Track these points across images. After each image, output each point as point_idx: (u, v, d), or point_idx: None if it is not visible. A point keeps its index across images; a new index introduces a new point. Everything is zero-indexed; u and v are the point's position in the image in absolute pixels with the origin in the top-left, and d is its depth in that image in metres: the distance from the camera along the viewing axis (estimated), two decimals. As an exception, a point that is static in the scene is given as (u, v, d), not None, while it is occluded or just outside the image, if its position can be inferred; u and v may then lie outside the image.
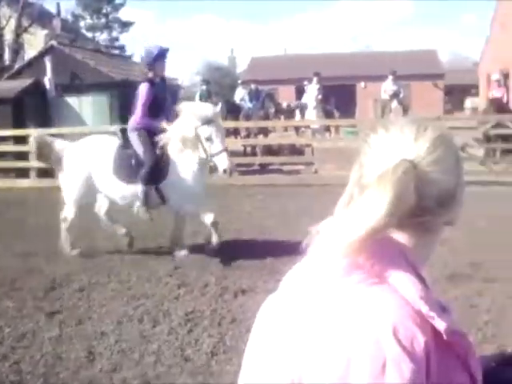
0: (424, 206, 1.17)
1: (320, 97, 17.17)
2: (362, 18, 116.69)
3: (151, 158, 7.09)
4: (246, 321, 4.83)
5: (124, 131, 7.47)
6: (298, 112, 18.33)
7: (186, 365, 4.38)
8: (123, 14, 52.35)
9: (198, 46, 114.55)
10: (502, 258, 6.79)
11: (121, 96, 17.28)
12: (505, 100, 18.57)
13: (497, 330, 4.80)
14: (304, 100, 18.28)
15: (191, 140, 6.91)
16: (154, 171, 7.08)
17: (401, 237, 1.22)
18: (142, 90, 7.29)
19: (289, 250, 6.34)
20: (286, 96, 29.50)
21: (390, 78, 18.85)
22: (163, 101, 7.54)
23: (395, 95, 18.71)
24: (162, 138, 7.09)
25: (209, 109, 7.17)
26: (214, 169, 7.23)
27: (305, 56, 42.25)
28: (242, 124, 16.42)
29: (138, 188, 7.09)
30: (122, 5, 50.21)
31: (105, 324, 5.18)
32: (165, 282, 6.27)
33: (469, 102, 42.26)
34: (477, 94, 32.87)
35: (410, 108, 22.18)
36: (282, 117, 18.39)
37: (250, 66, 39.63)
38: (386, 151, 1.19)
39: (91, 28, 49.01)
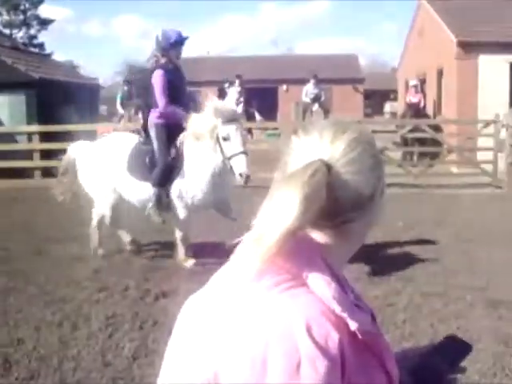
0: (340, 207, 1.18)
1: (242, 99, 17.25)
2: (283, 22, 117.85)
3: (164, 160, 6.66)
4: (167, 323, 4.77)
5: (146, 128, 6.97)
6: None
7: (106, 370, 4.30)
8: (42, 11, 51.09)
9: (120, 46, 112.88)
10: (419, 257, 7.02)
11: (39, 95, 16.79)
12: (422, 105, 19.21)
13: (414, 329, 4.95)
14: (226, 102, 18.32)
15: (208, 138, 6.30)
16: (166, 173, 6.64)
17: (319, 237, 1.22)
18: (156, 77, 6.79)
19: (210, 251, 6.35)
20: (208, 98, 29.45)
21: (312, 81, 19.15)
22: (180, 90, 6.97)
23: (316, 98, 19.01)
24: (182, 135, 6.62)
25: (232, 107, 6.68)
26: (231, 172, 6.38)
27: (227, 58, 42.34)
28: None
29: (149, 188, 6.71)
30: (40, 2, 48.96)
31: (22, 330, 5.02)
32: (84, 285, 6.15)
33: (388, 107, 43.52)
34: (396, 99, 33.77)
35: (330, 111, 22.55)
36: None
37: (173, 67, 39.36)
38: (305, 153, 1.20)
39: (8, 24, 47.51)
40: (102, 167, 6.98)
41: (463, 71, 17.77)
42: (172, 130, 6.72)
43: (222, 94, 20.34)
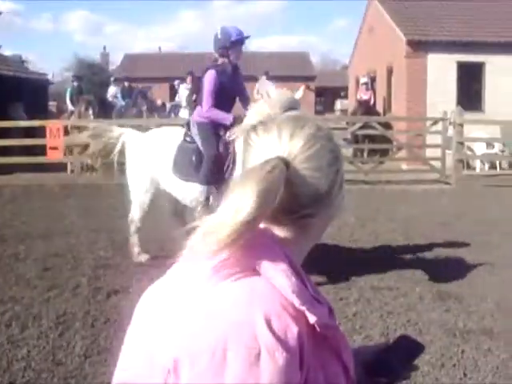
0: (299, 203, 1.20)
1: (195, 96, 17.15)
2: (235, 19, 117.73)
3: (212, 155, 6.25)
4: (119, 321, 4.76)
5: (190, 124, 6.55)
6: (172, 114, 18.25)
7: (57, 369, 4.23)
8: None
9: (70, 42, 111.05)
10: (369, 252, 7.12)
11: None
12: (372, 102, 19.46)
13: (364, 321, 5.03)
14: (177, 99, 18.23)
15: None
16: (214, 170, 6.20)
17: (279, 231, 1.23)
18: (207, 78, 6.35)
19: (161, 247, 6.33)
20: (159, 94, 29.22)
21: (263, 78, 19.17)
22: (234, 92, 6.54)
23: (268, 95, 19.06)
24: (230, 132, 5.93)
25: (290, 94, 6.10)
26: None
27: (179, 54, 42.07)
28: (114, 122, 16.08)
29: (198, 187, 6.30)
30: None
31: (-31, 331, 4.91)
32: (34, 284, 6.04)
33: (339, 104, 43.97)
34: (346, 97, 34.13)
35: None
36: (156, 115, 18.23)
37: (123, 64, 38.92)
38: (264, 150, 1.21)
39: (-48, 18, 46.26)
40: (147, 163, 6.57)
41: (412, 69, 18.10)
42: (217, 127, 6.36)
43: (174, 91, 20.26)
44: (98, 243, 7.48)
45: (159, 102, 21.20)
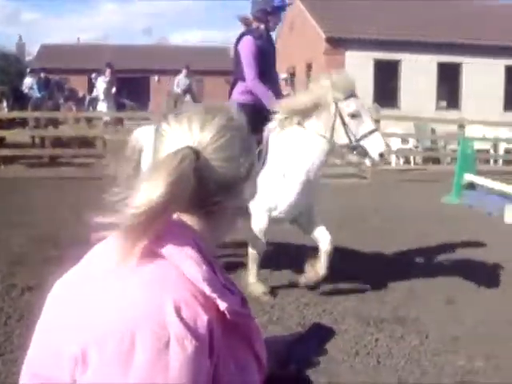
0: (210, 193, 1.22)
1: (114, 89, 16.87)
2: (157, 11, 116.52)
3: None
4: (34, 318, 4.62)
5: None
6: (90, 107, 17.90)
7: (-32, 368, 4.11)
8: None
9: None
10: (285, 244, 7.20)
11: None
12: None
13: (281, 313, 5.11)
14: (95, 92, 17.91)
15: (331, 119, 5.16)
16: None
17: (191, 221, 1.25)
18: (243, 45, 5.57)
19: (79, 241, 6.22)
20: (77, 86, 28.64)
21: (184, 72, 19.09)
22: (271, 64, 5.81)
23: (188, 90, 18.99)
24: (275, 119, 5.28)
25: (350, 77, 5.58)
26: (360, 155, 5.49)
27: (98, 46, 41.20)
28: (30, 114, 15.67)
29: None
30: None
31: None
32: None
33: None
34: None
35: (202, 103, 22.63)
36: (74, 108, 17.82)
37: (40, 54, 37.85)
38: (175, 140, 1.22)
39: None
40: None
41: (331, 66, 18.43)
42: (259, 112, 5.34)
43: (92, 83, 19.89)
44: (12, 239, 7.26)
45: (81, 94, 20.79)
